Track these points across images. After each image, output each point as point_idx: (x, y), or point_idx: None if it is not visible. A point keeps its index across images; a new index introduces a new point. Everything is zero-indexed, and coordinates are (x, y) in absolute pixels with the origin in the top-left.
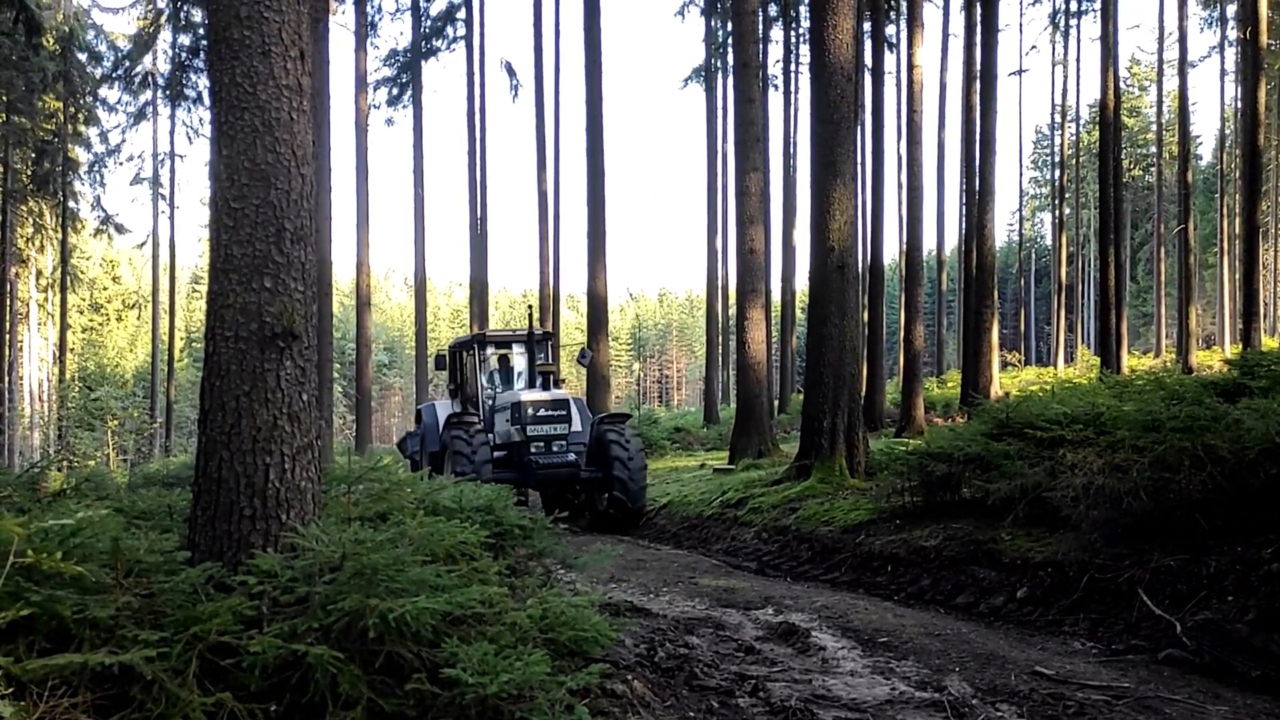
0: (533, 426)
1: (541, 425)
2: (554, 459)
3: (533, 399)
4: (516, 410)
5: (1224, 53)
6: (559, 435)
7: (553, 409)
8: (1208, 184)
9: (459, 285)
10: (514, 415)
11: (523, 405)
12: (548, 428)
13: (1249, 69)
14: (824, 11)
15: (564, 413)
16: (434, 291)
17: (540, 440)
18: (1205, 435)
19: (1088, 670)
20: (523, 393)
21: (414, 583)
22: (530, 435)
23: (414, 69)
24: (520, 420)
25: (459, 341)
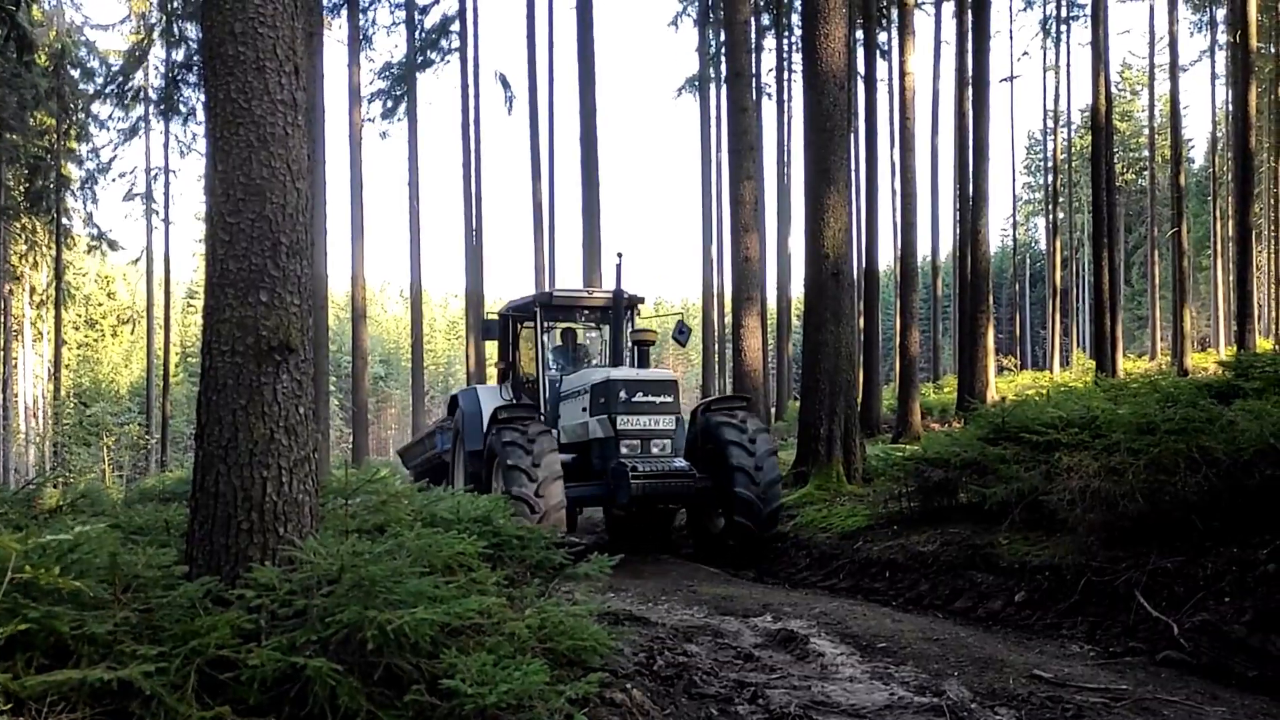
0: (626, 418)
1: (639, 416)
2: (657, 466)
3: (628, 377)
4: (604, 393)
5: (1214, 57)
6: (663, 432)
7: (656, 392)
8: (1200, 187)
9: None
10: (598, 401)
11: (613, 385)
12: (647, 420)
13: (1239, 72)
14: (815, 21)
15: (670, 399)
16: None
17: (634, 438)
18: (1200, 437)
19: (1086, 673)
20: (612, 370)
21: (412, 594)
22: (622, 430)
23: (408, 82)
24: (609, 408)
25: (516, 305)
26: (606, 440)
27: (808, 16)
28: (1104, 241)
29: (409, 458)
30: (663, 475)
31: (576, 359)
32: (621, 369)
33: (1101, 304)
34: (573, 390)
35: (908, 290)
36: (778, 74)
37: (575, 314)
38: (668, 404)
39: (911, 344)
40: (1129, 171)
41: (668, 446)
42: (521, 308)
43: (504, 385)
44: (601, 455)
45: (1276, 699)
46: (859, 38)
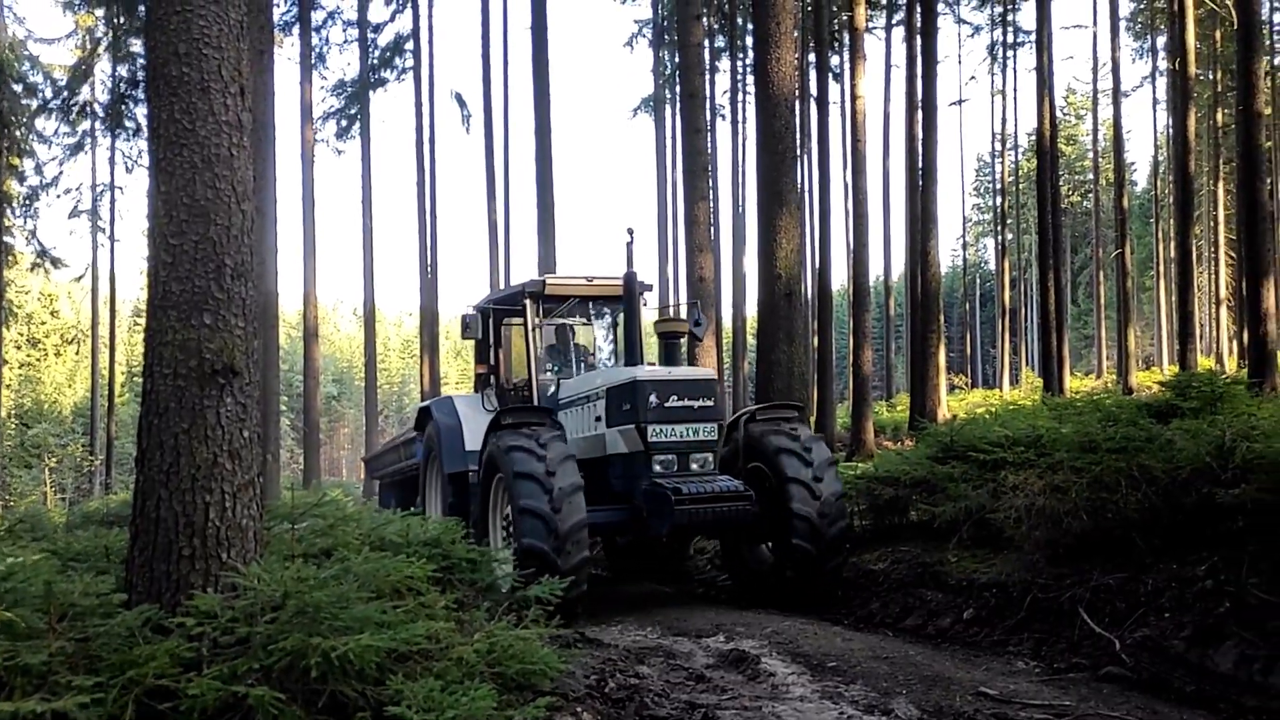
0: (659, 428)
1: (675, 425)
2: (704, 487)
3: (658, 377)
4: (628, 398)
5: (1155, 83)
6: (703, 443)
7: (693, 394)
8: (1143, 209)
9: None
10: (619, 407)
11: (641, 388)
12: (684, 429)
13: (1179, 98)
14: (767, 45)
15: (711, 403)
16: (384, 321)
17: (669, 452)
18: (1140, 456)
19: (1030, 689)
20: (637, 369)
21: (358, 620)
22: (654, 444)
23: (362, 100)
24: (636, 416)
25: (501, 296)
26: (632, 456)
27: (759, 41)
28: (1050, 262)
29: (378, 467)
30: (714, 498)
31: (572, 360)
32: (647, 367)
33: (1048, 324)
34: (578, 396)
35: (860, 310)
36: (732, 95)
37: (573, 305)
38: (708, 409)
39: (864, 363)
40: (1075, 194)
41: (709, 461)
42: (507, 299)
43: (486, 393)
44: (625, 475)
45: (1214, 713)
46: (811, 60)
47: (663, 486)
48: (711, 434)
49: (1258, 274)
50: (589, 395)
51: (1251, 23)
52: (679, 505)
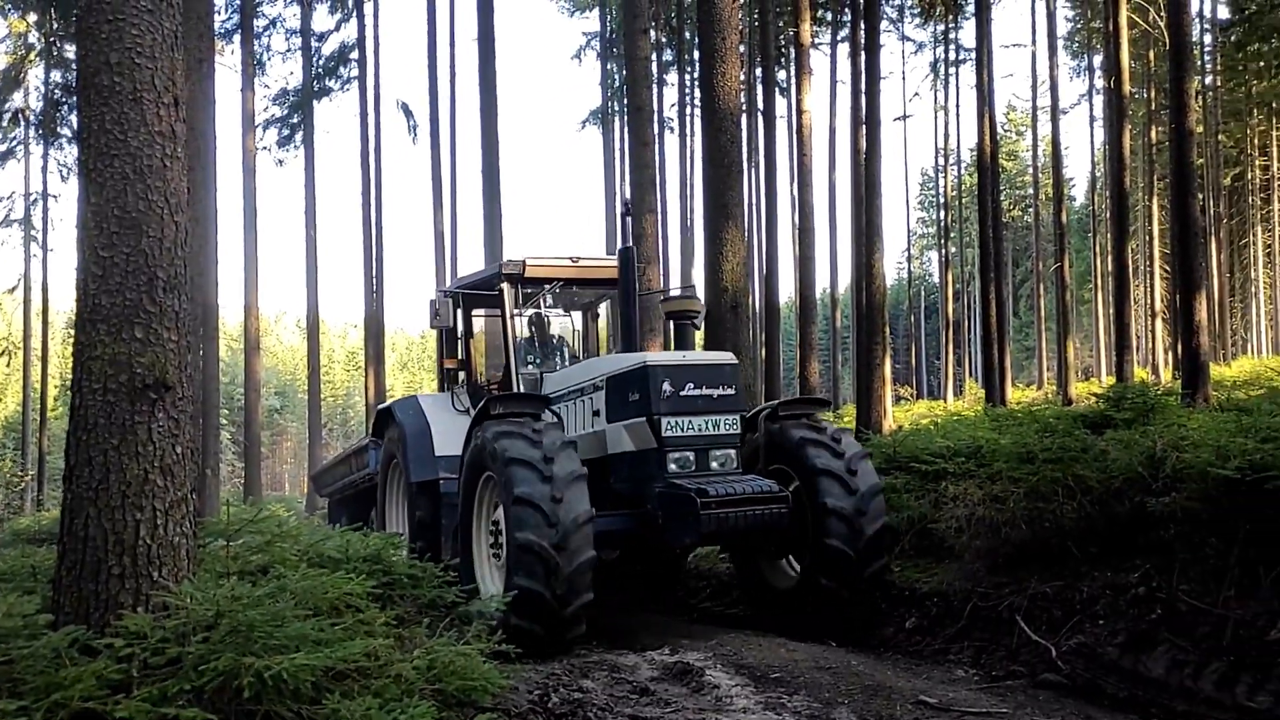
0: (674, 420)
1: (692, 417)
2: (732, 488)
3: (672, 362)
4: (637, 386)
5: (1092, 100)
6: (725, 438)
7: (712, 382)
8: (1081, 224)
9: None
10: (625, 398)
11: (653, 375)
12: (703, 422)
13: (1114, 116)
14: (713, 60)
15: (732, 391)
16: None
17: (686, 448)
18: (1075, 466)
19: (969, 697)
20: (648, 354)
21: (294, 638)
22: (669, 439)
23: (305, 109)
24: (647, 407)
25: (474, 280)
26: (642, 455)
27: (705, 55)
28: (991, 276)
29: (326, 482)
30: (745, 500)
31: (555, 352)
32: (657, 352)
33: (990, 336)
34: (569, 390)
35: (807, 322)
36: (680, 109)
37: (556, 290)
38: (729, 399)
39: (811, 374)
40: (1015, 208)
41: (732, 459)
42: (481, 283)
43: (456, 390)
44: (633, 477)
45: (1145, 717)
46: (759, 75)
47: (684, 488)
48: (733, 427)
49: (1190, 288)
50: (583, 388)
51: (1182, 43)
52: (705, 510)
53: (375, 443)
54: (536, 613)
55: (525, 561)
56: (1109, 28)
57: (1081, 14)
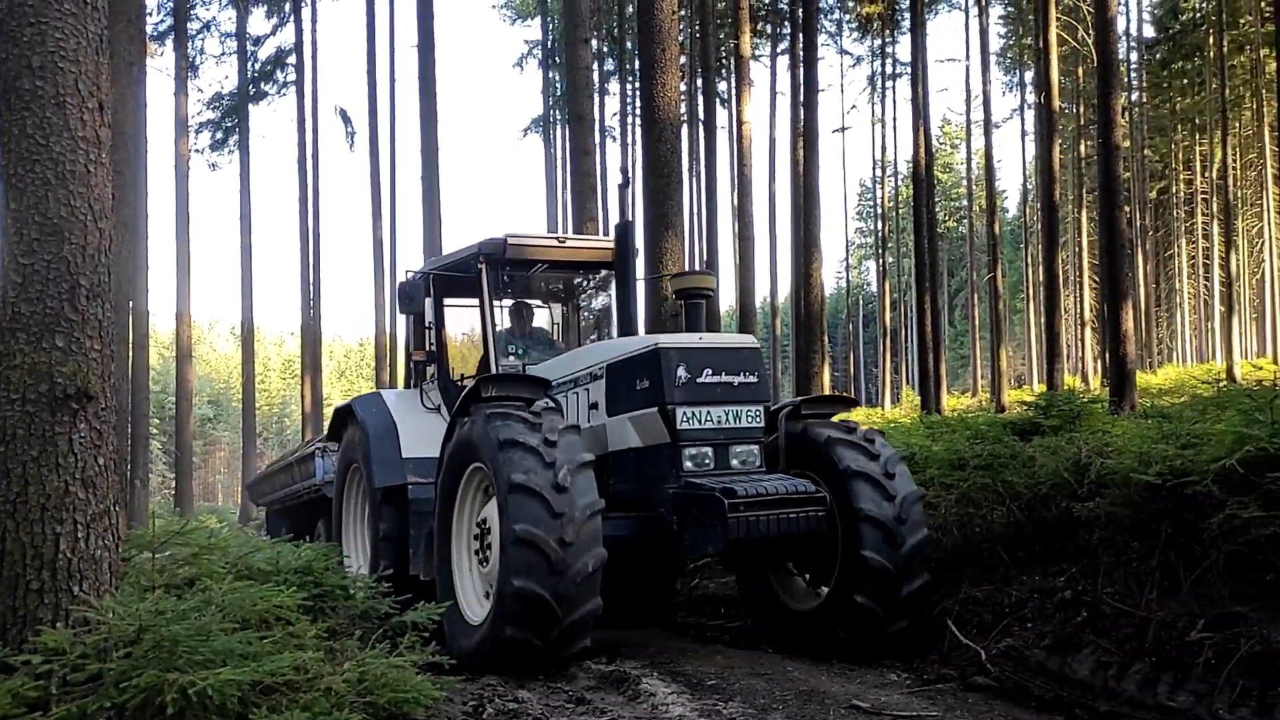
0: (691, 411)
1: (711, 408)
2: (763, 487)
3: (688, 344)
4: (647, 372)
5: (1024, 115)
6: (748, 432)
7: (733, 367)
8: (1014, 235)
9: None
10: (632, 386)
11: (666, 358)
12: (723, 413)
13: (1045, 130)
14: (652, 70)
15: (755, 379)
16: (263, 341)
17: (704, 442)
18: (1004, 472)
19: (901, 701)
20: (660, 336)
21: (219, 652)
22: (684, 432)
23: (240, 113)
24: (659, 396)
25: (449, 261)
26: (651, 452)
27: (644, 66)
28: (927, 285)
29: (265, 490)
30: (778, 501)
31: (535, 344)
32: (669, 334)
33: (925, 344)
34: (560, 381)
35: (747, 329)
36: (622, 117)
37: (541, 273)
38: (752, 387)
39: None
40: (950, 219)
41: (755, 456)
42: (456, 265)
43: (425, 387)
44: (640, 476)
45: (1070, 718)
46: (699, 85)
47: (707, 487)
48: (756, 419)
49: (1117, 298)
50: (577, 378)
51: (1109, 60)
52: (734, 513)
53: (323, 449)
54: (534, 620)
55: (523, 559)
56: (1039, 45)
57: (1013, 31)
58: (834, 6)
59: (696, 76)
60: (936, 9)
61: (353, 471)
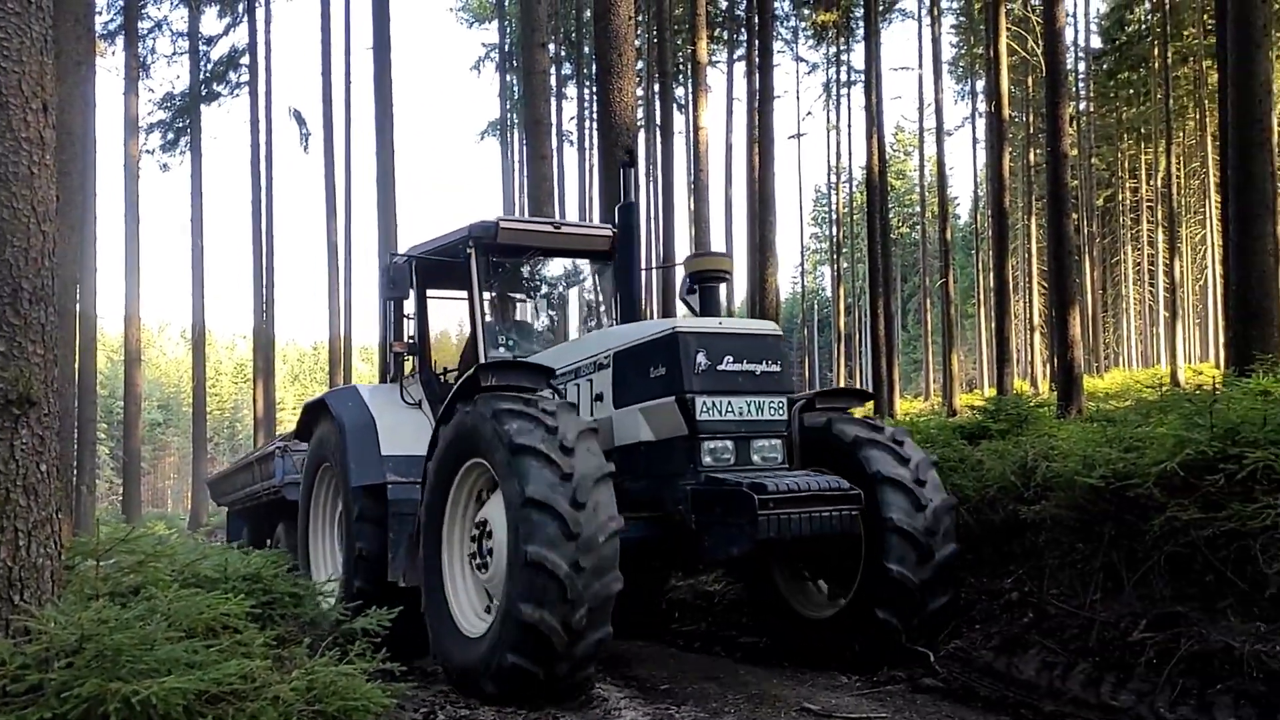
0: (711, 400)
1: (733, 398)
2: (794, 482)
3: (708, 328)
4: (663, 358)
5: (975, 123)
6: (770, 425)
7: (755, 355)
8: (965, 241)
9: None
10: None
11: (685, 343)
12: (745, 404)
13: (995, 138)
14: (609, 75)
15: (778, 367)
16: (215, 345)
17: (725, 435)
18: (953, 476)
19: (851, 703)
20: (677, 319)
21: (164, 662)
22: (704, 424)
23: (192, 114)
24: (676, 384)
25: (438, 245)
26: (666, 446)
27: (601, 71)
28: (880, 290)
29: (226, 490)
30: (811, 498)
31: (527, 336)
32: (686, 318)
33: (879, 348)
34: (562, 371)
35: None
36: (579, 121)
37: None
38: (775, 376)
39: None
40: (904, 225)
41: (778, 452)
42: (443, 250)
43: (406, 382)
44: (651, 472)
45: (1016, 718)
46: (657, 91)
47: (733, 483)
48: (780, 412)
49: (1065, 303)
50: (579, 368)
51: (1058, 70)
52: (764, 511)
53: (284, 449)
54: (541, 650)
55: (533, 584)
56: (990, 54)
57: (965, 40)
58: (790, 14)
59: (654, 82)
60: (890, 18)
61: (324, 471)
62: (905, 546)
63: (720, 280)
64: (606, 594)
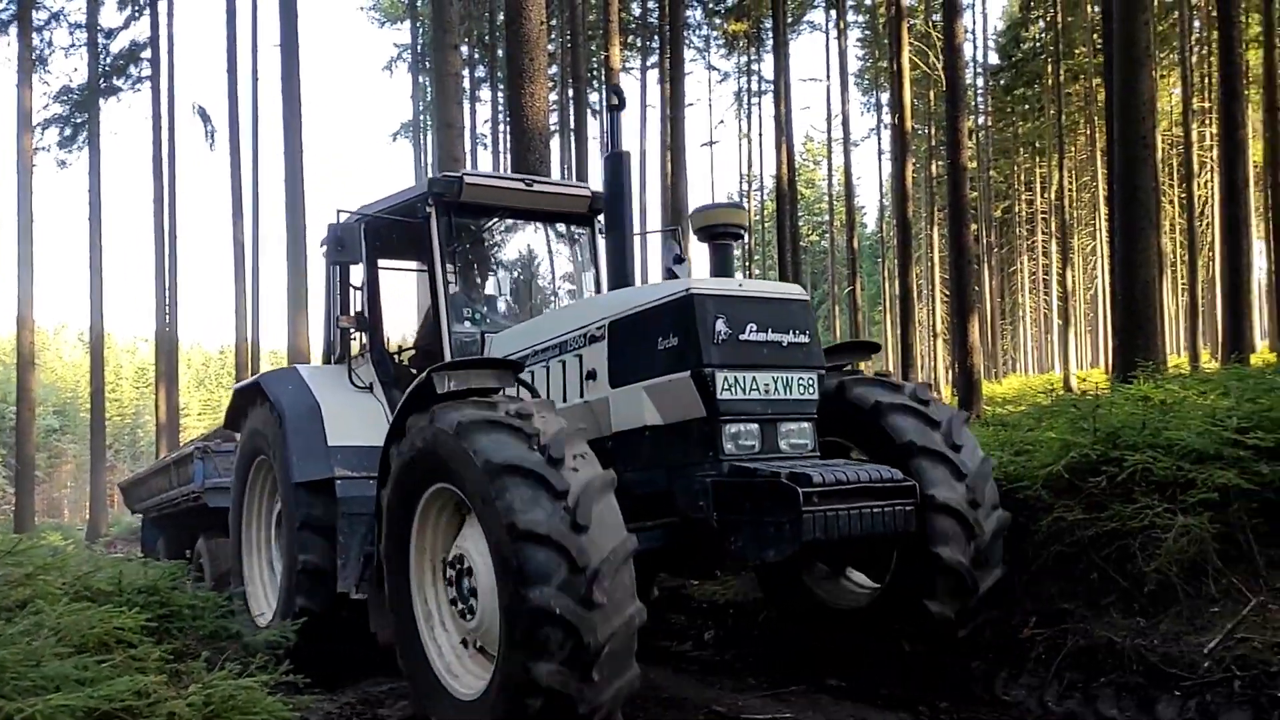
0: (735, 375)
1: (759, 373)
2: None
3: (728, 290)
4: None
5: (881, 134)
6: (800, 405)
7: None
8: (872, 249)
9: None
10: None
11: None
12: (770, 380)
13: (898, 150)
14: (520, 80)
15: (806, 340)
16: (115, 348)
17: (750, 418)
18: None
19: (757, 704)
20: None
21: (52, 678)
22: (726, 403)
23: (91, 108)
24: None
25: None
26: (679, 431)
27: (512, 75)
28: None
29: (140, 496)
30: (861, 491)
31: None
32: (704, 279)
33: None
34: (537, 349)
35: None
36: (493, 125)
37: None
38: (803, 348)
39: None
40: (813, 233)
41: (808, 437)
42: (400, 208)
43: (355, 362)
44: (659, 463)
45: (915, 714)
46: (570, 96)
47: (767, 473)
48: (809, 390)
49: (965, 311)
50: (564, 343)
51: (957, 85)
52: (809, 507)
53: (204, 450)
54: (563, 714)
55: (544, 638)
56: (894, 68)
57: (870, 54)
58: (702, 22)
59: (568, 87)
60: (799, 29)
61: (259, 467)
62: (953, 525)
63: (734, 237)
64: (630, 631)
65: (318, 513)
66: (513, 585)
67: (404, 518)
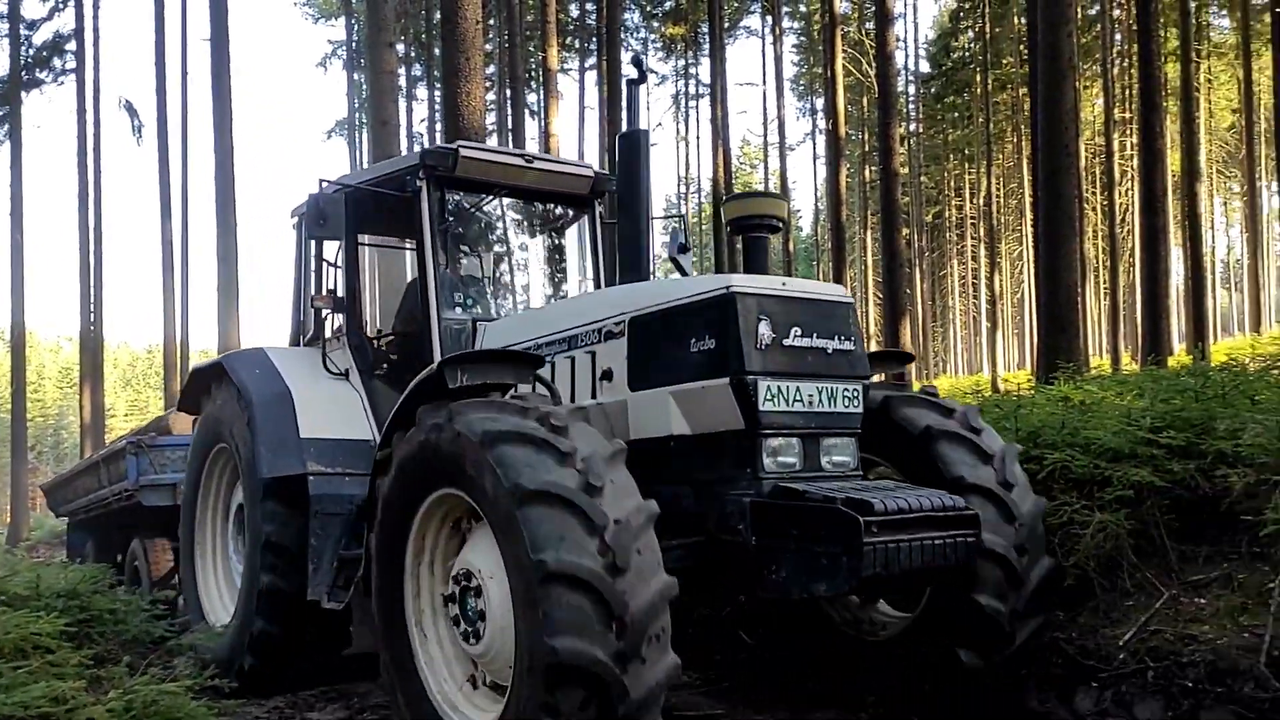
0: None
1: (801, 381)
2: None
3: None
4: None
5: (815, 139)
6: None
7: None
8: (808, 253)
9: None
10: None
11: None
12: (815, 391)
13: (832, 155)
14: (456, 79)
15: (852, 346)
16: (37, 347)
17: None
18: None
19: (692, 701)
20: (731, 276)
21: None
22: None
23: (12, 101)
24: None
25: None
26: (713, 442)
27: (449, 74)
28: None
29: (66, 497)
30: (923, 521)
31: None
32: (744, 276)
33: None
34: (543, 342)
35: None
36: (430, 124)
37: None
38: (848, 356)
39: None
40: None
41: (852, 455)
42: (389, 180)
43: (330, 346)
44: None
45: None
46: (508, 96)
47: (819, 496)
48: (855, 402)
49: (896, 313)
50: (575, 337)
51: (889, 93)
52: (870, 539)
53: (137, 445)
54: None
55: (566, 692)
56: (828, 74)
57: (806, 60)
58: (640, 25)
59: (505, 87)
60: (736, 34)
61: (216, 456)
62: (996, 572)
63: (771, 230)
64: (663, 689)
65: (283, 522)
66: (536, 629)
67: (404, 515)
